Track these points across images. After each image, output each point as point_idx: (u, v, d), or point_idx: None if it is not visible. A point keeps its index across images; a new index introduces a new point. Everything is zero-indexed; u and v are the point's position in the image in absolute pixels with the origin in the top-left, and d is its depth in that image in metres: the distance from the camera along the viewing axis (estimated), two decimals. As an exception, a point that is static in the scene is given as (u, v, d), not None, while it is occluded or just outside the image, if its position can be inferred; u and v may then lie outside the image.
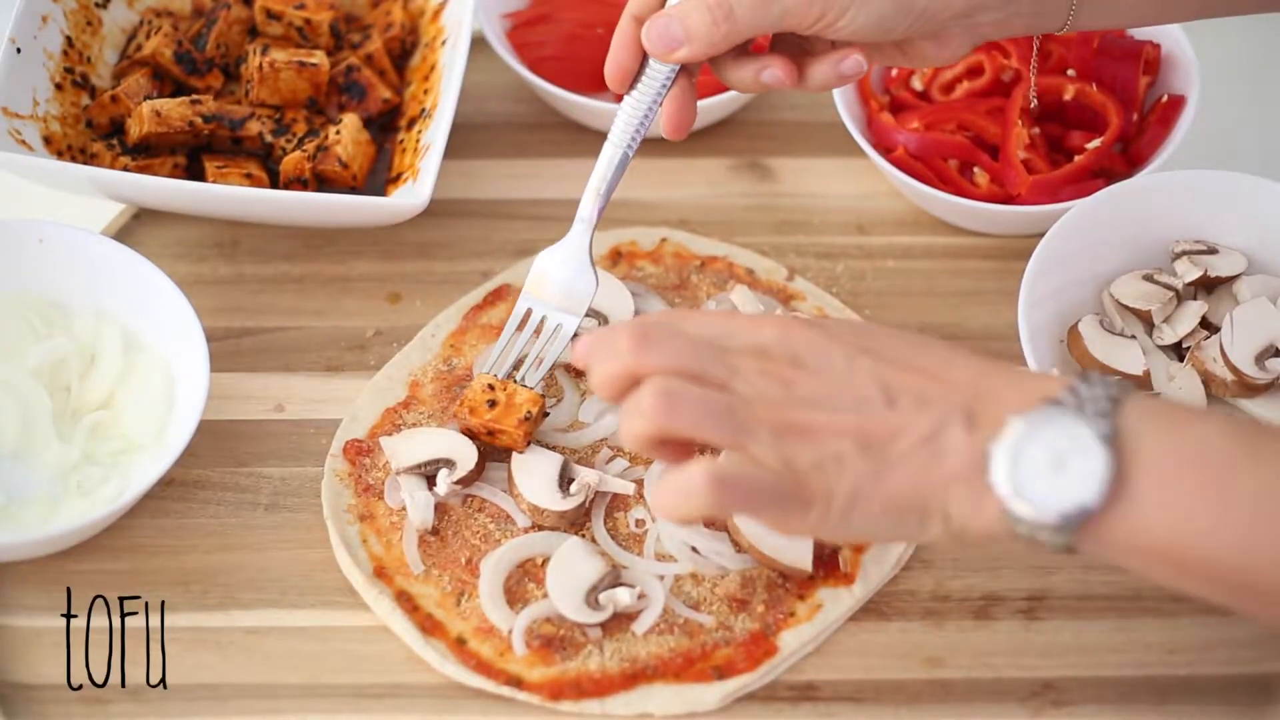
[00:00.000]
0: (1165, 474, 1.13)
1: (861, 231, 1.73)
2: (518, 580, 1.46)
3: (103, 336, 1.56)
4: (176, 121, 1.63)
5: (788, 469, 1.19)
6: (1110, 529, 1.14)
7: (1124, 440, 1.14)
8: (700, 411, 1.20)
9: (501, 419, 1.49)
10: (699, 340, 1.23)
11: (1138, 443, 1.14)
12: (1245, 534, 1.12)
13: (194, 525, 1.51)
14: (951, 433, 1.18)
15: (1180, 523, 1.12)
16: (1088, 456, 1.13)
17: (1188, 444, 1.14)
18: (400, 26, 1.77)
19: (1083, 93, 1.68)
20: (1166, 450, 1.14)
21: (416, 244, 1.71)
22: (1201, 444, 1.14)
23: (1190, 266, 1.58)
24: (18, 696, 1.41)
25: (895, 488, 1.18)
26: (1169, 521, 1.13)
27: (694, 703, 1.40)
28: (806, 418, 1.19)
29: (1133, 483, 1.13)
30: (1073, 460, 1.13)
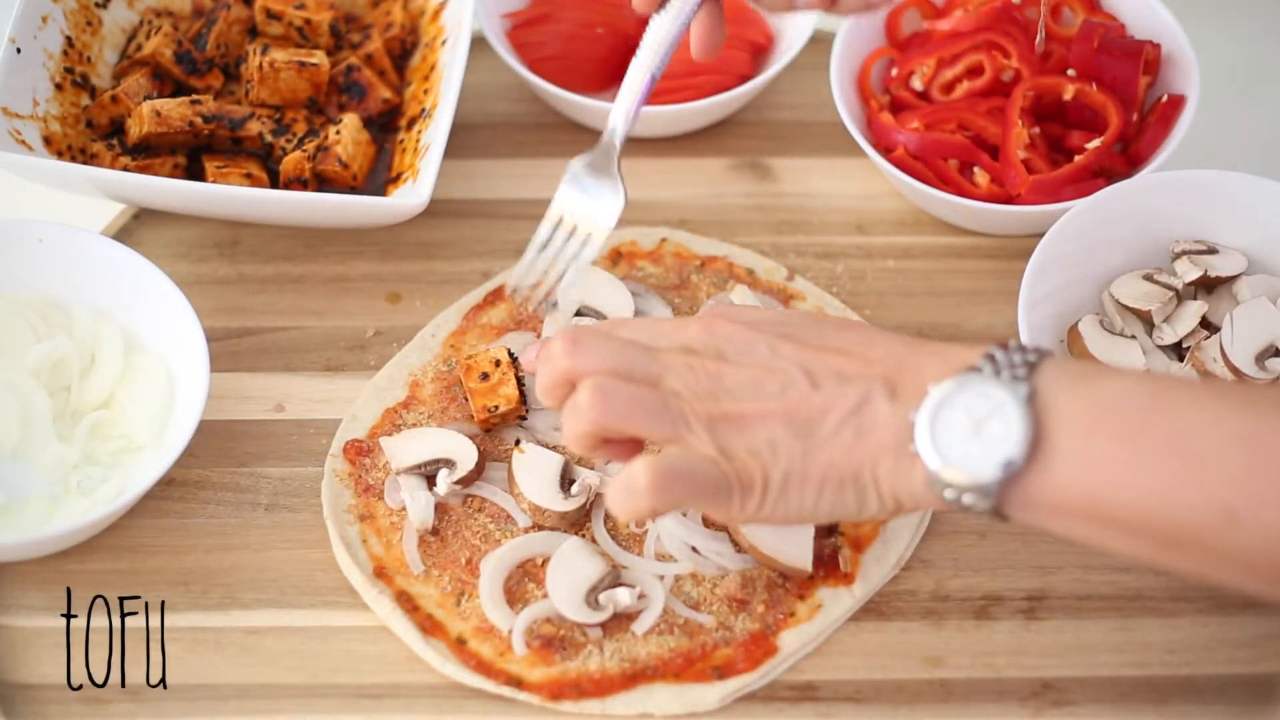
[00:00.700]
0: (1081, 430, 1.16)
1: (861, 231, 1.73)
2: (518, 580, 1.46)
3: (103, 336, 1.56)
4: (177, 121, 1.63)
5: (724, 457, 1.24)
6: (1033, 489, 1.17)
7: (1041, 400, 1.17)
8: (634, 405, 1.25)
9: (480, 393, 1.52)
10: (629, 342, 1.29)
11: (1054, 402, 1.17)
12: (1161, 482, 1.14)
13: (194, 525, 1.51)
14: (875, 405, 1.22)
15: (1099, 477, 1.15)
16: (1005, 418, 1.17)
17: (1103, 400, 1.17)
18: (400, 26, 1.77)
19: (1083, 93, 1.68)
20: (1081, 407, 1.17)
21: (416, 244, 1.71)
22: (1116, 399, 1.17)
23: (1190, 266, 1.58)
24: (18, 696, 1.41)
25: (826, 464, 1.23)
26: (1088, 476, 1.15)
27: (694, 703, 1.40)
28: (736, 407, 1.25)
29: (1050, 441, 1.16)
30: (991, 423, 1.17)
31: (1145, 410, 1.16)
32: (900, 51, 1.78)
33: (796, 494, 1.24)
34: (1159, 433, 1.15)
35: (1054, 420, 1.16)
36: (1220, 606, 1.46)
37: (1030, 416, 1.16)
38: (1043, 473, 1.16)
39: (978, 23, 1.73)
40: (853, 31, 1.76)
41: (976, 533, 1.51)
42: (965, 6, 1.76)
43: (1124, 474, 1.14)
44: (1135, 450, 1.14)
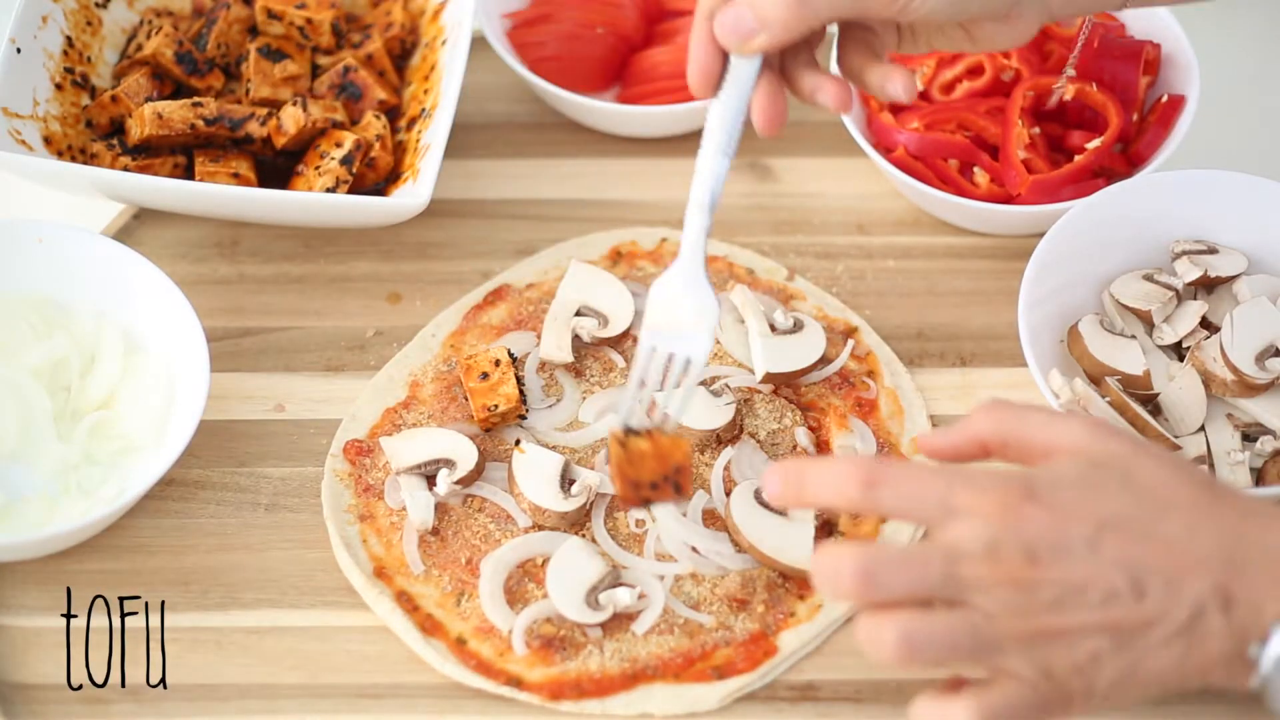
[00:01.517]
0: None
1: (861, 231, 1.73)
2: (518, 580, 1.46)
3: (103, 336, 1.56)
4: (178, 124, 1.63)
5: (1044, 676, 1.17)
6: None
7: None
8: (944, 649, 1.15)
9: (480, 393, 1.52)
10: (927, 562, 1.17)
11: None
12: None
13: (194, 525, 1.51)
14: (1208, 620, 1.16)
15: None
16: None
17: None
18: (400, 26, 1.76)
19: (1083, 93, 1.68)
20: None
21: (416, 244, 1.71)
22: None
23: (1190, 266, 1.58)
24: (18, 696, 1.41)
25: (1154, 674, 1.17)
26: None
27: (694, 703, 1.40)
28: (1055, 622, 1.16)
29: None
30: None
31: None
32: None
33: (1120, 699, 1.18)
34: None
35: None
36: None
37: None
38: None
39: (978, 23, 1.73)
40: (853, 31, 1.75)
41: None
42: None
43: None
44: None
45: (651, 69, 1.80)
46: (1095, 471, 1.19)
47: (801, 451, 1.53)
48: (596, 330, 1.59)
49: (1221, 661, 1.17)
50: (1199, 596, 1.16)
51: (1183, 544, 1.16)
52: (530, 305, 1.64)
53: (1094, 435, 1.21)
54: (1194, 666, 1.17)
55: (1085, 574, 1.15)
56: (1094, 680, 1.16)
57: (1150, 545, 1.16)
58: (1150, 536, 1.17)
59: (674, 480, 1.37)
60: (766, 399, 1.57)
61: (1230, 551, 1.16)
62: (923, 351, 1.64)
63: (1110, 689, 1.17)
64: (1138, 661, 1.16)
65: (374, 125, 1.67)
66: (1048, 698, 1.17)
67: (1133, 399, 1.51)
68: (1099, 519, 1.17)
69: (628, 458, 1.37)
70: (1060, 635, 1.15)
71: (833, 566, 1.17)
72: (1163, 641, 1.16)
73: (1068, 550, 1.16)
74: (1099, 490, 1.18)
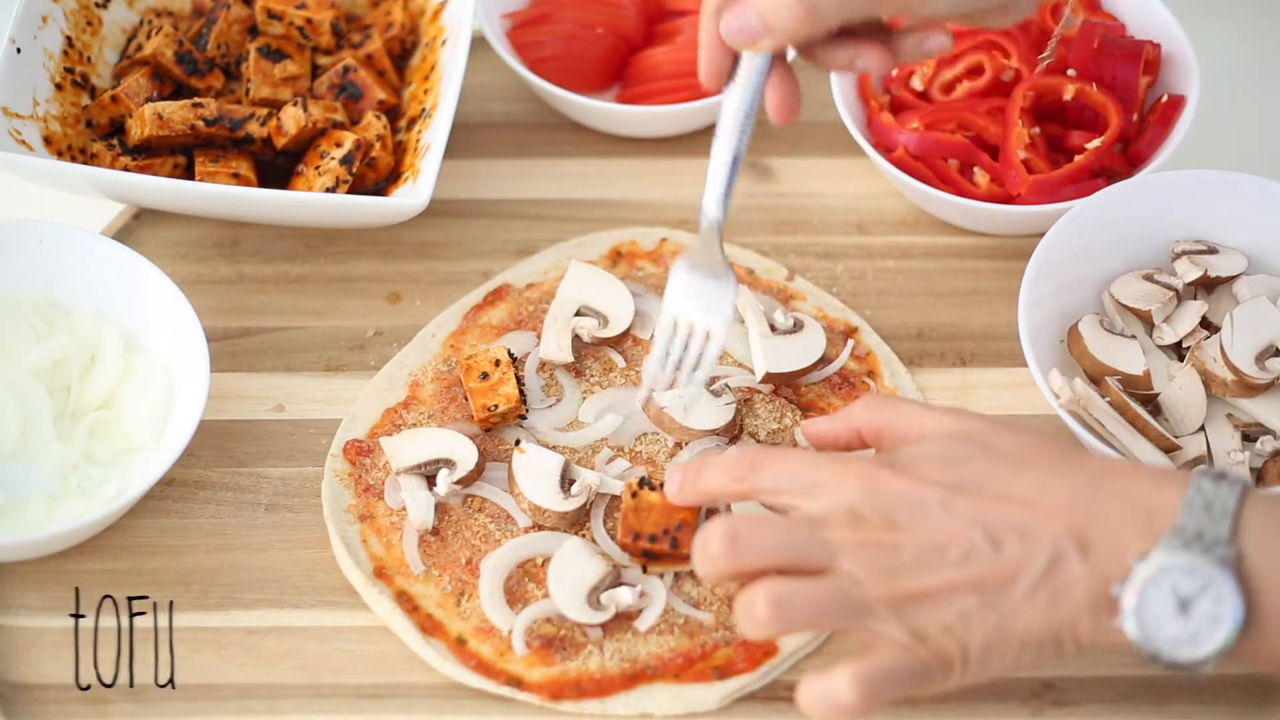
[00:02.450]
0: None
1: (861, 231, 1.73)
2: (518, 580, 1.46)
3: (103, 336, 1.56)
4: (178, 124, 1.63)
5: (917, 640, 1.20)
6: (1244, 654, 1.17)
7: (1248, 568, 1.16)
8: (814, 610, 1.20)
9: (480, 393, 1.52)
10: (790, 526, 1.22)
11: (1263, 569, 1.16)
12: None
13: (194, 525, 1.51)
14: (1067, 565, 1.18)
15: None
16: (1217, 600, 1.16)
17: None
18: (400, 26, 1.76)
19: (1083, 93, 1.68)
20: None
21: (416, 244, 1.71)
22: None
23: (1190, 266, 1.58)
24: (19, 696, 1.41)
25: (1024, 629, 1.19)
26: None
27: (694, 703, 1.40)
28: (920, 582, 1.20)
29: (1263, 612, 1.16)
30: (1200, 603, 1.16)
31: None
32: (900, 51, 1.78)
33: (996, 660, 1.20)
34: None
35: (1265, 590, 1.16)
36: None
37: (1241, 597, 1.15)
38: (1253, 640, 1.17)
39: (978, 23, 1.73)
40: (853, 31, 1.76)
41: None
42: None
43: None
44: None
45: (651, 69, 1.80)
46: (955, 444, 1.25)
47: (801, 451, 1.54)
48: (596, 330, 1.59)
49: (1087, 607, 1.19)
50: (1055, 543, 1.19)
51: (1037, 497, 1.20)
52: (530, 305, 1.64)
53: (957, 418, 1.28)
54: (1062, 617, 1.19)
55: (942, 532, 1.20)
56: (966, 641, 1.19)
57: (1004, 502, 1.20)
58: (1004, 495, 1.21)
59: (673, 536, 1.42)
60: (766, 399, 1.57)
61: (1085, 501, 1.20)
62: (923, 351, 1.64)
63: (985, 650, 1.19)
64: (1006, 617, 1.19)
65: (374, 125, 1.67)
66: (926, 662, 1.20)
67: (1133, 399, 1.51)
68: (953, 481, 1.22)
69: (635, 507, 1.43)
70: (926, 595, 1.19)
71: (702, 535, 1.24)
72: (1026, 593, 1.19)
73: (924, 511, 1.21)
74: (956, 459, 1.23)
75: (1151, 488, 1.20)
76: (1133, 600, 1.17)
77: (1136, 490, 1.20)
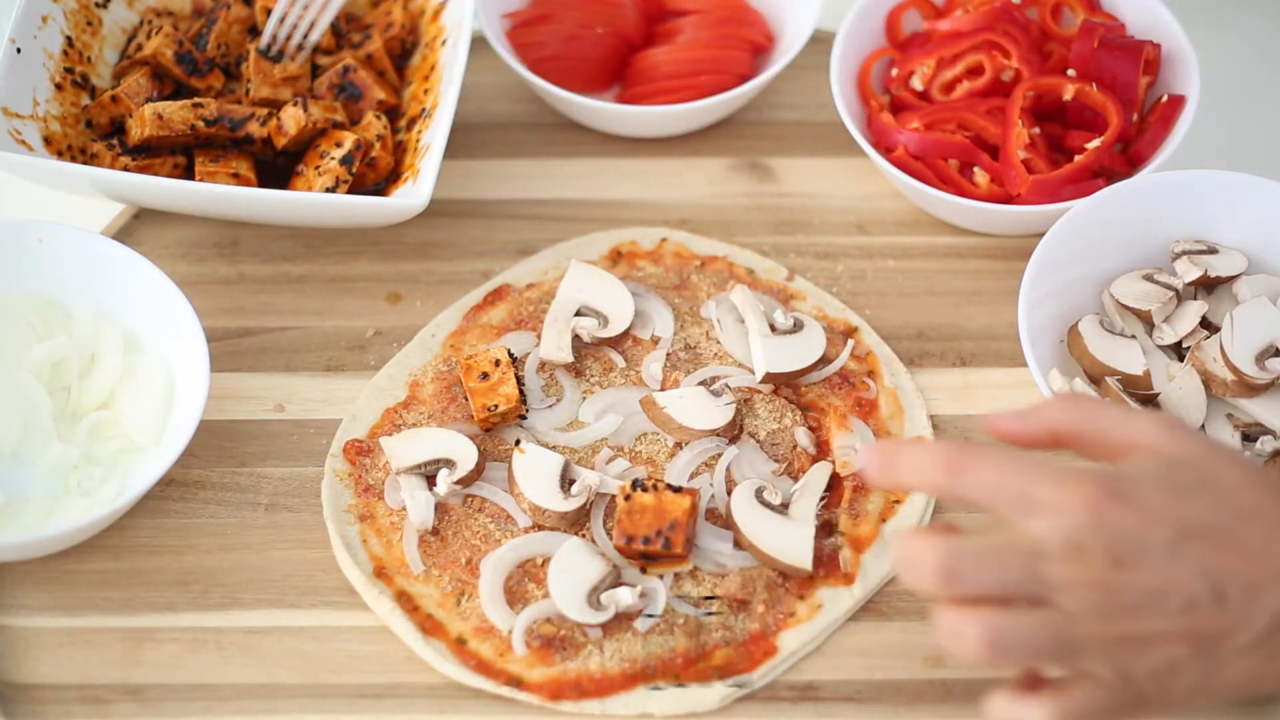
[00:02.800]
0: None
1: (861, 231, 1.73)
2: (518, 580, 1.46)
3: (103, 336, 1.56)
4: (179, 125, 1.63)
5: (1122, 680, 1.18)
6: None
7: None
8: (1028, 649, 1.16)
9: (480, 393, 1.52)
10: (1012, 558, 1.17)
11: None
12: None
13: (194, 525, 1.51)
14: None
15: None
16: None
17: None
18: (400, 26, 1.76)
19: (1083, 93, 1.68)
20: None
21: (416, 244, 1.71)
22: None
23: (1190, 266, 1.58)
24: (18, 696, 1.41)
25: (1231, 682, 1.18)
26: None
27: (694, 703, 1.40)
28: (1136, 627, 1.16)
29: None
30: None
31: None
32: (900, 51, 1.78)
33: (1195, 703, 1.20)
34: None
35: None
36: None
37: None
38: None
39: (977, 23, 1.73)
40: (853, 31, 1.76)
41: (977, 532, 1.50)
42: (965, 6, 1.76)
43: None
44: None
45: (651, 69, 1.80)
46: (1176, 472, 1.19)
47: (801, 451, 1.53)
48: (596, 330, 1.59)
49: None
50: (1278, 606, 1.16)
51: (1263, 553, 1.17)
52: (530, 305, 1.64)
53: (1171, 433, 1.21)
54: (1273, 674, 1.18)
55: (1167, 579, 1.16)
56: (1171, 686, 1.17)
57: (1231, 553, 1.17)
58: (1231, 544, 1.17)
59: (665, 537, 1.43)
60: (766, 399, 1.57)
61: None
62: (923, 351, 1.64)
63: (1188, 695, 1.18)
64: (1215, 669, 1.17)
65: (374, 125, 1.67)
66: (1125, 700, 1.18)
67: (1133, 399, 1.51)
68: (1182, 523, 1.17)
69: (628, 510, 1.44)
70: (1141, 641, 1.16)
71: (916, 557, 1.17)
72: (1241, 650, 1.17)
73: (1150, 553, 1.16)
74: (1181, 492, 1.18)
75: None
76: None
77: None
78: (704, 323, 1.63)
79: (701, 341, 1.61)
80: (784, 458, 1.54)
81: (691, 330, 1.62)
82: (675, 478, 1.52)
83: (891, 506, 1.50)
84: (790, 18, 1.83)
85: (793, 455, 1.54)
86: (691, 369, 1.59)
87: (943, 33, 1.75)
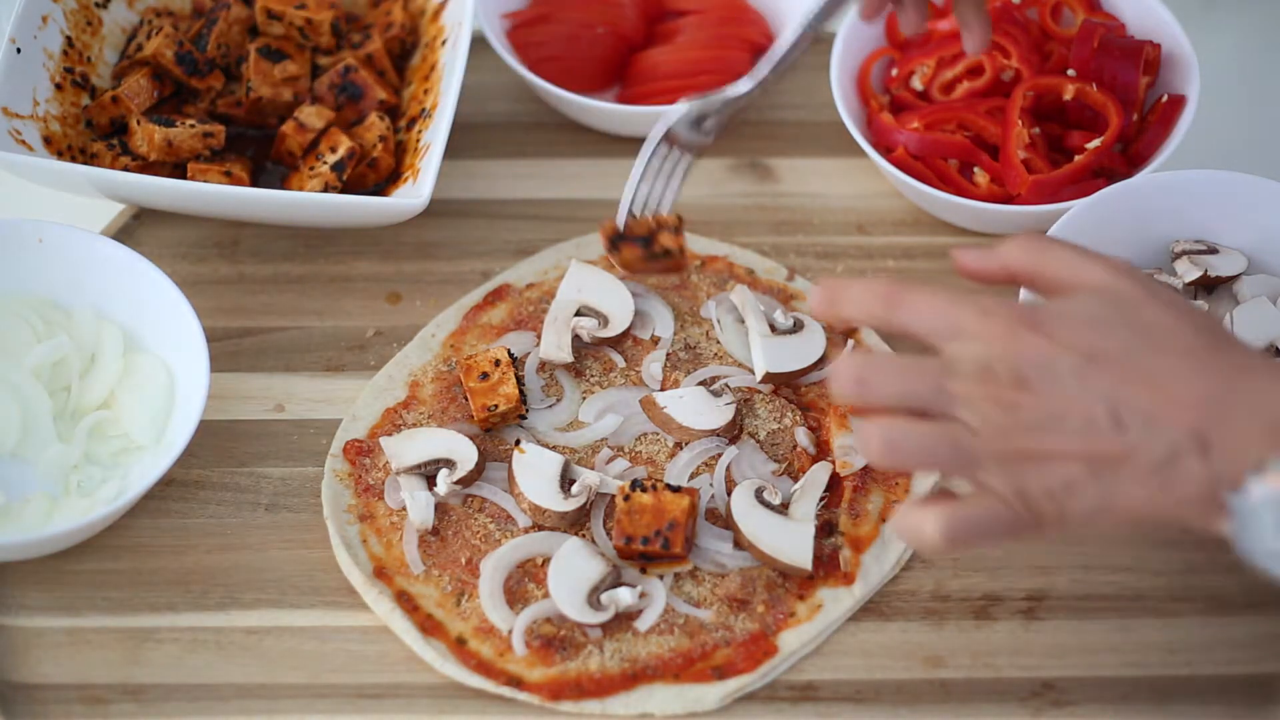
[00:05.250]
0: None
1: (861, 231, 1.73)
2: (518, 580, 1.46)
3: (103, 336, 1.56)
4: (186, 153, 1.63)
5: (1018, 496, 1.20)
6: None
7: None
8: (923, 453, 1.21)
9: (480, 393, 1.52)
10: (919, 372, 1.22)
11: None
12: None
13: (194, 525, 1.51)
14: (1185, 462, 1.18)
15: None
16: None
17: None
18: (400, 26, 1.76)
19: (1083, 93, 1.68)
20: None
21: (416, 244, 1.71)
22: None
23: (1190, 266, 1.58)
24: (18, 696, 1.41)
25: (1126, 508, 1.19)
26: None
27: (694, 703, 1.40)
28: (1034, 444, 1.19)
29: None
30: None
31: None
32: (900, 51, 1.78)
33: (1092, 528, 1.21)
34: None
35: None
36: (1220, 607, 1.46)
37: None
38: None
39: (978, 23, 1.73)
40: (853, 31, 1.76)
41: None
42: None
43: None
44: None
45: (651, 69, 1.80)
46: (1104, 307, 1.23)
47: (801, 451, 1.53)
48: (596, 330, 1.59)
49: (1195, 503, 1.19)
50: (1176, 438, 1.18)
51: (1169, 386, 1.19)
52: (530, 305, 1.64)
53: (1116, 275, 1.25)
54: (1167, 505, 1.19)
55: (1068, 401, 1.19)
56: (1066, 507, 1.20)
57: (1136, 383, 1.19)
58: (1138, 375, 1.19)
59: (664, 537, 1.43)
60: (766, 399, 1.57)
61: (1216, 400, 1.19)
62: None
63: (1084, 517, 1.20)
64: (1111, 493, 1.19)
65: (377, 126, 1.67)
66: (1021, 518, 1.21)
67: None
68: (1092, 352, 1.20)
69: (627, 510, 1.44)
70: (1038, 458, 1.19)
71: (839, 369, 1.24)
72: (1136, 478, 1.19)
73: (1056, 378, 1.19)
74: (1101, 325, 1.21)
75: None
76: (1240, 509, 1.16)
77: (1271, 400, 1.19)
78: (704, 323, 1.63)
79: (701, 341, 1.61)
80: (784, 458, 1.54)
81: (691, 330, 1.62)
82: (675, 478, 1.52)
83: (891, 507, 1.50)
84: (790, 18, 1.83)
85: (793, 455, 1.54)
86: (691, 369, 1.59)
87: (943, 33, 1.75)
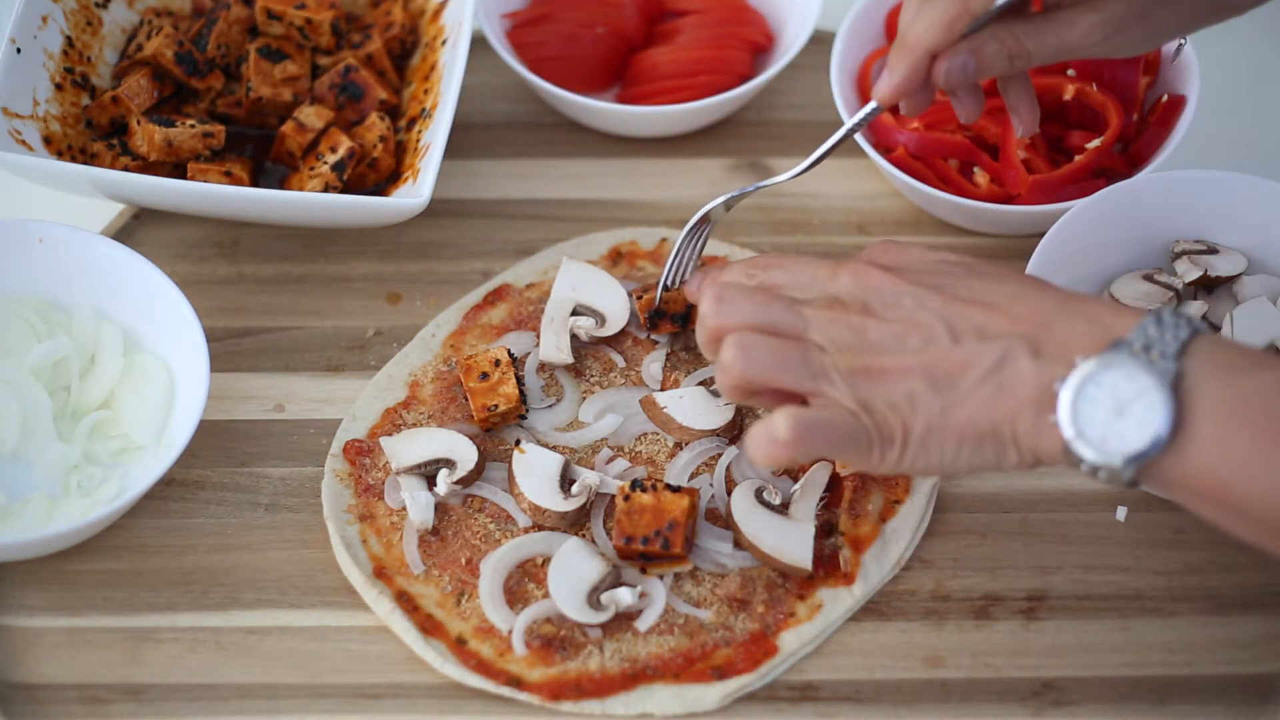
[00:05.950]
0: (1222, 423, 1.17)
1: (861, 231, 1.73)
2: (518, 580, 1.46)
3: (103, 336, 1.56)
4: (186, 154, 1.63)
5: (864, 410, 1.27)
6: (1166, 470, 1.19)
7: (1186, 385, 1.18)
8: (774, 360, 1.30)
9: (480, 393, 1.52)
10: (774, 295, 1.33)
11: (1199, 389, 1.18)
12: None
13: (194, 525, 1.51)
14: (1017, 363, 1.23)
15: (1233, 469, 1.17)
16: (1149, 403, 1.18)
17: (1249, 393, 1.18)
18: (400, 26, 1.76)
19: (1083, 93, 1.68)
20: (1226, 398, 1.18)
21: (416, 244, 1.71)
22: (1261, 394, 1.17)
23: (1190, 266, 1.58)
24: (18, 696, 1.41)
25: (966, 419, 1.25)
26: (1223, 468, 1.17)
27: (694, 703, 1.40)
28: (877, 360, 1.28)
29: (1190, 429, 1.17)
30: (1134, 407, 1.18)
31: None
32: (900, 51, 1.78)
33: (936, 447, 1.26)
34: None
35: (1197, 410, 1.17)
36: (1220, 607, 1.46)
37: (1173, 406, 1.17)
38: (1177, 457, 1.18)
39: (978, 23, 1.73)
40: (853, 31, 1.76)
41: (977, 533, 1.51)
42: None
43: (1259, 470, 1.16)
44: (1273, 449, 1.15)
45: (651, 69, 1.80)
46: (945, 261, 1.34)
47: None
48: (594, 329, 1.59)
49: (1029, 404, 1.23)
50: (1009, 343, 1.24)
51: (1003, 304, 1.27)
52: (530, 305, 1.64)
53: (956, 253, 1.36)
54: (1004, 411, 1.23)
55: (909, 323, 1.28)
56: (909, 420, 1.26)
57: (972, 305, 1.28)
58: (974, 299, 1.28)
59: (664, 537, 1.43)
60: (766, 399, 1.57)
61: (1048, 314, 1.25)
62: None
63: (925, 432, 1.25)
64: (950, 405, 1.25)
65: (378, 126, 1.67)
66: (867, 429, 1.27)
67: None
68: (933, 283, 1.30)
69: (627, 510, 1.44)
70: (880, 372, 1.27)
71: (699, 287, 1.37)
72: (973, 385, 1.24)
73: (897, 303, 1.30)
74: (942, 270, 1.32)
75: (1115, 313, 1.24)
76: (1070, 395, 1.20)
77: (1100, 313, 1.25)
78: (704, 323, 1.62)
79: (701, 341, 1.61)
80: (784, 458, 1.54)
81: (691, 330, 1.62)
82: (675, 478, 1.52)
83: (891, 507, 1.50)
84: (790, 18, 1.83)
85: (793, 455, 1.54)
86: (691, 369, 1.59)
87: (943, 33, 1.75)
